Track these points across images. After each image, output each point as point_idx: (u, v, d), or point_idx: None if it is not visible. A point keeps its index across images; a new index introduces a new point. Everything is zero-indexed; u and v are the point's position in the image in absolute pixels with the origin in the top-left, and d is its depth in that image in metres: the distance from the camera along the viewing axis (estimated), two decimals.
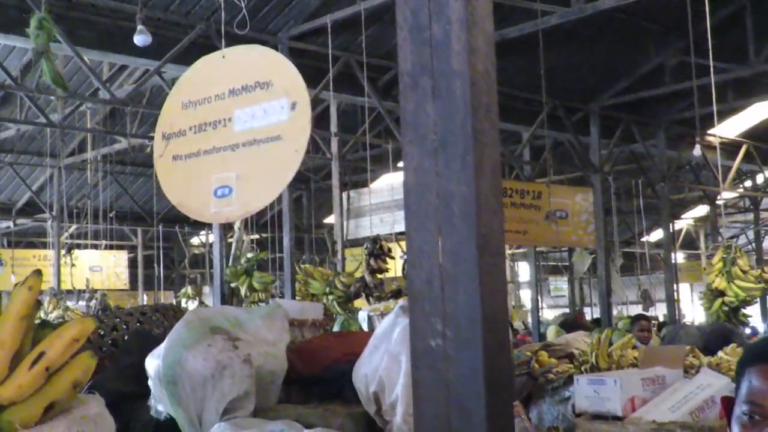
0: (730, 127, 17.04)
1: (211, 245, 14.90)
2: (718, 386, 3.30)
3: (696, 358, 5.41)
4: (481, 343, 1.10)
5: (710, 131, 15.02)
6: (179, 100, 4.64)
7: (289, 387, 4.38)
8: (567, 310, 22.63)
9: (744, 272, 9.72)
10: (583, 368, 5.06)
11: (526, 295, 26.64)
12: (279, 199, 12.45)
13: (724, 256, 9.71)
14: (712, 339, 7.14)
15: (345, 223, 11.48)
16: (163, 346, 3.95)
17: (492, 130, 1.14)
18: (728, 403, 1.61)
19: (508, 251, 26.85)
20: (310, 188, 19.37)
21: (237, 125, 4.29)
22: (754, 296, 10.01)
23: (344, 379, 4.03)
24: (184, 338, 3.95)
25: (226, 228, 10.80)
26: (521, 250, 23.91)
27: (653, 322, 11.52)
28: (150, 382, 4.01)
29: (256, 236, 17.63)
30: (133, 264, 22.08)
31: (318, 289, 8.54)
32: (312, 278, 8.84)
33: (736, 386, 1.60)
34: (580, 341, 6.27)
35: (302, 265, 9.65)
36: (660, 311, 19.53)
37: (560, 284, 32.04)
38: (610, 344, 5.66)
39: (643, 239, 23.90)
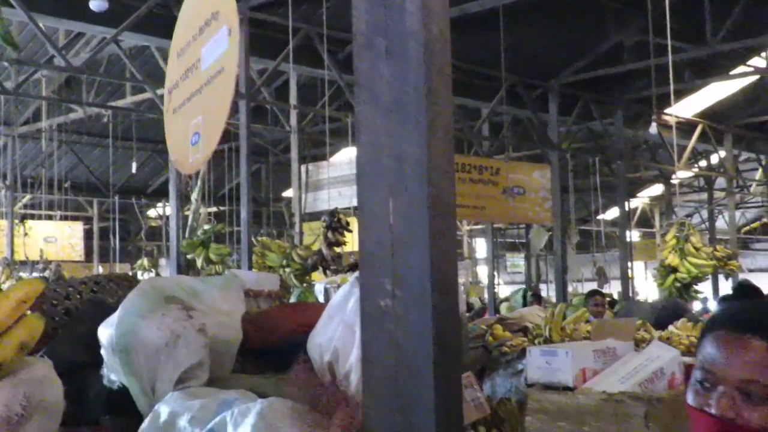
0: (687, 107, 17.23)
1: (168, 218, 14.79)
2: (667, 358, 3.35)
3: (647, 332, 5.49)
4: (431, 303, 1.10)
5: (667, 110, 15.18)
6: (175, 51, 4.50)
7: (244, 357, 4.37)
8: (523, 287, 22.82)
9: (696, 249, 9.87)
10: (536, 341, 5.13)
11: (483, 272, 26.80)
12: (237, 171, 12.37)
13: (678, 233, 9.85)
14: (663, 314, 7.25)
15: (303, 196, 11.44)
16: (116, 314, 3.92)
17: (446, 92, 1.14)
18: (690, 373, 1.63)
19: (465, 227, 26.99)
20: (269, 161, 19.28)
21: (203, 65, 4.17)
22: (705, 273, 10.17)
23: (299, 349, 4.03)
24: (138, 307, 3.92)
25: (183, 200, 10.71)
26: (479, 227, 24.05)
27: (607, 299, 11.66)
28: (103, 351, 3.97)
29: (214, 209, 17.52)
30: (88, 236, 21.82)
31: (275, 261, 8.52)
32: (269, 251, 8.80)
33: (698, 355, 1.61)
34: (534, 315, 6.33)
35: (259, 238, 9.61)
36: (614, 289, 19.77)
37: (517, 261, 32.27)
38: (564, 318, 5.73)
39: (599, 217, 24.16)
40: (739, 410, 1.47)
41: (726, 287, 17.19)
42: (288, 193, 17.64)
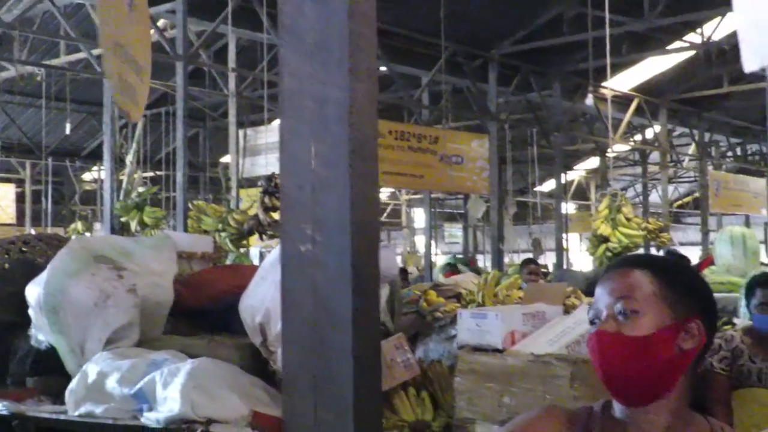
0: (623, 81, 17.45)
1: (103, 181, 14.53)
2: None
3: (577, 299, 5.58)
4: (350, 247, 1.10)
5: (604, 84, 15.34)
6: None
7: (176, 319, 4.35)
8: (450, 255, 22.99)
9: (628, 220, 10.04)
10: (469, 307, 5.17)
11: (421, 242, 26.94)
12: (174, 136, 12.20)
13: (611, 204, 10.01)
14: (594, 282, 7.36)
15: (241, 161, 11.35)
16: (45, 273, 3.86)
17: (370, 36, 1.13)
18: None
19: (404, 197, 27.06)
20: (207, 126, 19.06)
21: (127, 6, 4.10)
22: (636, 243, 10.37)
23: (231, 311, 4.01)
24: (67, 266, 3.87)
25: (118, 162, 10.56)
26: (417, 196, 24.12)
27: (542, 269, 11.82)
28: (30, 311, 3.92)
29: (151, 174, 17.30)
30: (20, 198, 21.37)
31: (210, 225, 8.44)
32: (205, 215, 8.72)
33: None
34: (468, 282, 6.39)
35: (195, 202, 9.51)
36: (549, 260, 20.04)
37: (455, 231, 32.48)
38: (498, 285, 5.79)
39: (537, 189, 24.40)
40: (617, 326, 1.64)
41: None
42: (226, 158, 17.48)
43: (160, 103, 15.94)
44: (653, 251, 15.03)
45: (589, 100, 13.59)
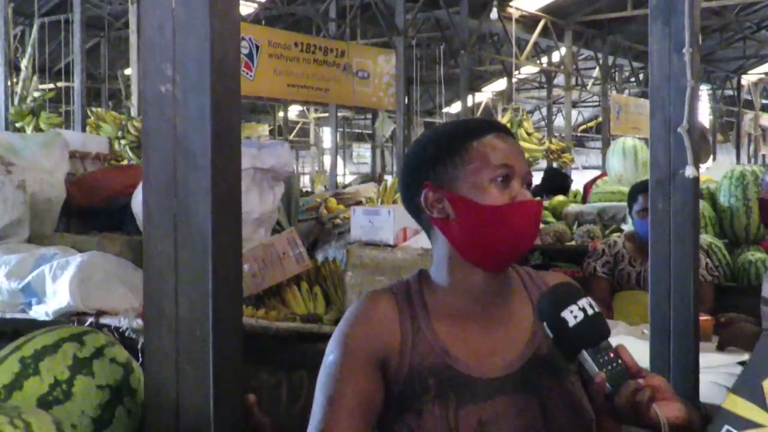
0: (530, 1, 17.54)
1: None
2: None
3: None
4: (209, 87, 1.11)
5: (511, 3, 15.39)
6: None
7: (69, 218, 4.29)
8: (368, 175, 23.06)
9: (529, 134, 10.21)
10: None
11: (329, 161, 26.90)
12: (73, 46, 11.80)
13: (512, 118, 10.15)
14: None
15: (141, 70, 11.04)
16: None
17: None
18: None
19: (312, 115, 26.89)
20: (108, 36, 18.47)
21: None
22: (536, 157, 10.57)
23: (125, 210, 3.97)
24: None
25: (12, 68, 10.18)
26: (325, 115, 23.97)
27: None
28: None
29: (50, 86, 16.74)
30: None
31: (110, 133, 8.26)
32: (103, 122, 8.54)
33: (450, 165, 1.65)
34: (369, 191, 6.45)
35: (94, 109, 9.28)
36: None
37: (363, 151, 32.53)
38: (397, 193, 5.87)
39: (444, 110, 24.52)
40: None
41: None
42: (128, 71, 17.01)
43: (59, 10, 15.35)
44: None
45: (494, 14, 13.60)
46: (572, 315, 1.46)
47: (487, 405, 1.61)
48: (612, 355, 1.46)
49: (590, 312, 1.47)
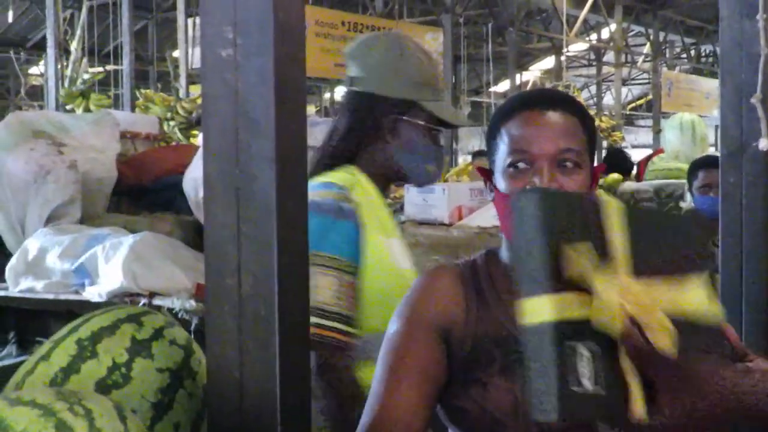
0: None
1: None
2: None
3: None
4: (273, 51, 1.04)
5: None
6: None
7: (120, 198, 4.27)
8: None
9: None
10: None
11: None
12: (122, 29, 11.85)
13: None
14: None
15: (191, 51, 11.06)
16: None
17: None
18: (487, 173, 1.59)
19: None
20: (156, 18, 18.56)
21: None
22: None
23: (176, 189, 3.94)
24: (4, 141, 3.75)
25: (62, 51, 10.24)
26: None
27: None
28: None
29: (99, 69, 16.85)
30: None
31: (159, 114, 8.24)
32: (152, 103, 8.54)
33: (492, 150, 1.57)
34: None
35: (143, 90, 9.30)
36: None
37: None
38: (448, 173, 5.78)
39: (491, 89, 24.30)
40: (559, 180, 1.47)
41: None
42: (176, 54, 17.07)
43: None
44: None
45: None
46: None
47: None
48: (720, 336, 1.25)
49: None
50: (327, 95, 25.61)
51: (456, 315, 1.57)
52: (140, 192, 4.24)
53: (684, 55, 24.40)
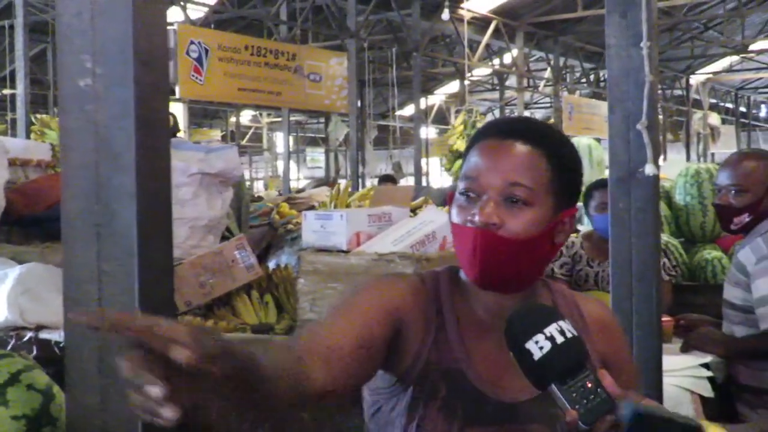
0: (482, 3, 17.55)
1: None
2: (440, 222, 3.40)
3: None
4: (134, 80, 0.99)
5: (463, 4, 15.38)
6: None
7: (10, 228, 4.13)
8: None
9: None
10: None
11: (282, 166, 26.72)
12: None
13: (466, 119, 10.10)
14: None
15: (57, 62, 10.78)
16: None
17: None
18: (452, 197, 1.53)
19: (265, 120, 26.68)
20: (53, 42, 18.12)
21: None
22: None
23: None
24: None
25: None
26: (278, 119, 23.80)
27: None
28: None
29: None
30: None
31: (55, 139, 8.01)
32: (48, 128, 8.31)
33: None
34: (322, 195, 6.34)
35: (39, 116, 9.06)
36: (410, 184, 20.23)
37: (317, 155, 32.36)
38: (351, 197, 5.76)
39: (397, 113, 24.47)
40: (502, 216, 1.44)
41: None
42: None
43: (2, 16, 15.01)
44: None
45: (446, 14, 13.56)
46: (537, 346, 1.26)
47: (493, 431, 1.50)
48: (590, 385, 1.25)
49: (560, 340, 1.26)
50: (233, 119, 25.39)
51: (415, 319, 1.50)
52: (32, 221, 4.10)
53: (584, 80, 25.00)
